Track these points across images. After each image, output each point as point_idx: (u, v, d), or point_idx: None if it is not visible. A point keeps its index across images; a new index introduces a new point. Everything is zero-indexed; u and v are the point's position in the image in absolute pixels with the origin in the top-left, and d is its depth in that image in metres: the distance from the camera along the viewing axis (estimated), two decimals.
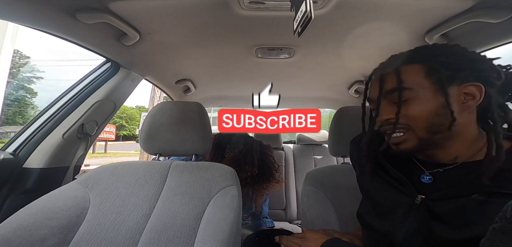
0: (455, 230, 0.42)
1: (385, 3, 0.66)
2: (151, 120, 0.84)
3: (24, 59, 20.65)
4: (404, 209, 0.49)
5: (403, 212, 0.49)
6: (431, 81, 0.45)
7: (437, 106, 0.45)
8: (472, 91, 0.44)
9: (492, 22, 0.65)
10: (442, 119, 0.45)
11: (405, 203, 0.49)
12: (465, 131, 0.46)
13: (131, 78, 1.10)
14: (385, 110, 0.50)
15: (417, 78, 0.46)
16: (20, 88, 19.70)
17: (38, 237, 0.54)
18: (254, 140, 1.18)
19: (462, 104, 0.45)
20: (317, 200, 0.80)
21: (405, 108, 0.47)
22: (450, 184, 0.46)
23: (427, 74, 0.46)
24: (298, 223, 1.68)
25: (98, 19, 0.70)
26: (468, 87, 0.44)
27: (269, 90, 1.60)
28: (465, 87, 0.44)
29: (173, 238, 0.61)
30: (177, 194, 0.70)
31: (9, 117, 18.91)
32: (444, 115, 0.44)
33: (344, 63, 1.11)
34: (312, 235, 0.60)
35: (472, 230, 0.40)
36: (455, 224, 0.42)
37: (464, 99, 0.45)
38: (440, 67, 0.45)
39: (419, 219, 0.46)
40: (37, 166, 0.87)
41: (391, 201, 0.52)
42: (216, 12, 0.73)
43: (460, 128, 0.45)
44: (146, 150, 0.85)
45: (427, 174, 0.49)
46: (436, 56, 0.47)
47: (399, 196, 0.51)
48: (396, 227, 0.49)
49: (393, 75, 0.48)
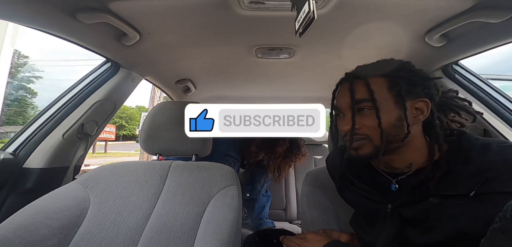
0: (425, 234, 0.45)
1: (385, 3, 0.66)
2: (151, 120, 0.84)
3: (23, 59, 20.64)
4: (381, 218, 0.52)
5: (381, 220, 0.52)
6: (392, 94, 0.49)
7: (395, 118, 0.49)
8: (421, 106, 0.50)
9: (492, 22, 0.65)
10: (398, 130, 0.49)
11: (381, 212, 0.52)
12: (415, 140, 0.51)
13: (131, 78, 1.10)
14: (349, 120, 0.53)
15: (381, 90, 0.50)
16: (20, 88, 19.69)
17: (38, 237, 0.54)
18: None
19: (414, 118, 0.50)
20: (316, 200, 0.80)
21: (367, 118, 0.50)
22: (409, 191, 0.50)
23: (389, 88, 0.50)
24: (298, 223, 1.67)
25: (98, 19, 0.70)
26: (418, 102, 0.50)
27: (269, 90, 1.60)
28: (416, 102, 0.50)
29: (173, 238, 0.61)
30: (177, 194, 0.70)
31: (9, 117, 18.90)
32: (400, 127, 0.49)
33: (344, 63, 1.11)
34: (313, 237, 0.62)
35: (437, 232, 0.44)
36: (423, 227, 0.46)
37: (415, 113, 0.50)
38: (400, 82, 0.49)
39: (394, 226, 0.50)
40: (37, 166, 0.87)
41: (370, 211, 0.56)
42: (216, 12, 0.73)
43: (412, 138, 0.50)
44: (146, 150, 0.85)
45: (393, 183, 0.53)
46: (397, 70, 0.51)
47: (373, 206, 0.54)
48: (377, 235, 0.52)
49: (363, 85, 0.51)
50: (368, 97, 0.49)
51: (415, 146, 0.51)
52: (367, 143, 0.51)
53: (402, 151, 0.52)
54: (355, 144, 0.52)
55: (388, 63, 0.54)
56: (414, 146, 0.51)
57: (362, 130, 0.51)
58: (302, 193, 0.86)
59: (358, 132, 0.51)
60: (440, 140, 0.48)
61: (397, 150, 0.51)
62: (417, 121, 0.50)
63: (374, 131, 0.49)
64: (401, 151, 0.52)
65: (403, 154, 0.52)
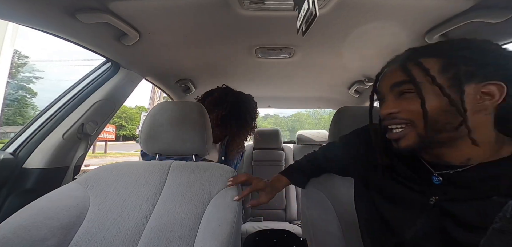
0: (473, 233, 0.40)
1: (385, 3, 0.66)
2: (151, 120, 0.84)
3: (23, 59, 20.64)
4: (416, 209, 0.47)
5: (414, 212, 0.47)
6: (446, 77, 0.42)
7: (445, 103, 0.41)
8: (492, 90, 0.40)
9: (492, 22, 0.65)
10: (450, 118, 0.42)
11: (418, 203, 0.47)
12: (478, 132, 0.41)
13: (131, 78, 1.10)
14: (389, 104, 0.48)
15: (432, 72, 0.43)
16: (20, 88, 19.69)
17: (38, 237, 0.54)
18: (231, 90, 1.25)
19: (477, 104, 0.41)
20: (316, 200, 0.80)
21: (409, 102, 0.45)
22: (464, 186, 0.44)
23: (442, 69, 0.43)
24: (298, 223, 1.67)
25: (98, 19, 0.70)
26: (488, 85, 0.40)
27: (269, 90, 1.60)
28: (485, 85, 0.41)
29: (173, 238, 0.61)
30: (177, 194, 0.70)
31: (9, 117, 18.90)
32: (452, 113, 0.41)
33: (344, 63, 1.11)
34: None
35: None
36: (473, 226, 0.40)
37: (480, 98, 0.41)
38: (459, 62, 0.42)
39: (433, 221, 0.45)
40: (37, 166, 0.87)
41: (403, 199, 0.50)
42: (216, 12, 0.73)
43: (473, 128, 0.41)
44: (146, 150, 0.84)
45: (436, 175, 0.47)
46: (458, 50, 0.44)
47: (412, 195, 0.49)
48: (405, 226, 0.48)
49: (402, 68, 0.46)
50: (413, 79, 0.44)
51: (479, 138, 0.42)
52: (410, 132, 0.46)
53: (459, 144, 0.43)
54: (396, 133, 0.47)
55: (449, 42, 0.47)
56: (476, 138, 0.42)
57: (403, 114, 0.46)
58: (302, 193, 0.86)
59: (399, 116, 0.46)
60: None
61: (451, 143, 0.44)
62: (483, 108, 0.41)
63: (417, 116, 0.44)
64: (458, 144, 0.44)
65: (460, 148, 0.44)
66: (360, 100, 1.56)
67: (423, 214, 0.46)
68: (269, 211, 1.74)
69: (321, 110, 19.86)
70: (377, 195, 0.56)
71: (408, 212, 0.48)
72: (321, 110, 18.23)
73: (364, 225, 0.61)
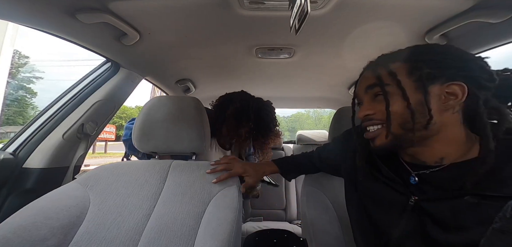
0: (450, 233, 0.42)
1: (385, 3, 0.66)
2: (145, 116, 0.80)
3: (23, 59, 20.65)
4: (398, 209, 0.49)
5: (398, 212, 0.49)
6: (412, 79, 0.46)
7: (414, 103, 0.45)
8: (455, 90, 0.44)
9: (492, 22, 0.65)
10: (418, 117, 0.45)
11: (400, 203, 0.49)
12: (447, 131, 0.45)
13: (131, 78, 1.10)
14: (365, 106, 0.52)
15: (399, 75, 0.47)
16: (20, 88, 19.70)
17: (38, 237, 0.54)
18: (251, 97, 1.19)
19: (443, 104, 0.44)
20: (316, 200, 0.80)
21: (382, 104, 0.48)
22: (438, 186, 0.46)
23: (408, 72, 0.46)
24: (298, 223, 1.67)
25: (98, 19, 0.70)
26: (451, 86, 0.44)
27: (269, 90, 1.60)
28: (448, 86, 0.44)
29: (173, 238, 0.61)
30: (177, 194, 0.70)
31: (9, 117, 18.91)
32: (420, 113, 0.45)
33: (344, 63, 1.11)
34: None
35: (467, 233, 0.40)
36: (449, 226, 0.42)
37: (445, 98, 0.44)
38: (423, 66, 0.45)
39: (414, 220, 0.47)
40: (37, 166, 0.87)
41: (386, 200, 0.53)
42: (216, 12, 0.73)
43: (441, 127, 0.45)
44: (140, 148, 0.81)
45: (413, 175, 0.49)
46: (422, 54, 0.48)
47: (394, 195, 0.51)
48: (392, 226, 0.50)
49: (372, 72, 0.50)
50: (381, 82, 0.48)
51: (449, 137, 0.45)
52: (383, 131, 0.49)
53: (430, 143, 0.46)
54: (371, 132, 0.51)
55: (414, 48, 0.50)
56: (446, 138, 0.45)
57: (377, 116, 0.50)
58: (302, 193, 0.86)
59: (373, 117, 0.50)
60: (486, 131, 0.41)
61: (423, 142, 0.47)
62: (450, 108, 0.44)
63: (388, 116, 0.47)
64: (429, 143, 0.47)
65: (432, 147, 0.47)
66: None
67: (404, 214, 0.48)
68: (269, 211, 1.74)
69: (321, 110, 19.83)
70: (364, 196, 0.59)
71: (392, 212, 0.51)
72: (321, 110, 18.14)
73: (355, 225, 0.63)
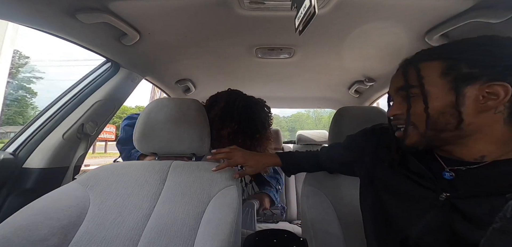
0: (482, 230, 0.40)
1: (385, 3, 0.66)
2: (146, 118, 0.80)
3: (24, 59, 20.67)
4: (425, 205, 0.48)
5: (423, 207, 0.48)
6: (446, 80, 0.44)
7: (444, 105, 0.44)
8: (496, 91, 0.41)
9: (492, 22, 0.65)
10: (448, 118, 0.44)
11: (427, 199, 0.48)
12: (488, 130, 0.44)
13: (131, 78, 1.10)
14: (395, 106, 0.52)
15: (431, 76, 0.46)
16: (20, 88, 19.72)
17: (38, 237, 0.54)
18: (238, 95, 1.07)
19: (481, 104, 0.42)
20: (317, 200, 0.80)
21: (412, 104, 0.47)
22: (477, 183, 0.44)
23: (443, 73, 0.45)
24: (298, 223, 1.67)
25: (98, 19, 0.70)
26: (492, 86, 0.41)
27: (269, 90, 1.60)
28: (489, 86, 0.41)
29: (173, 238, 0.61)
30: (177, 194, 0.70)
31: (9, 117, 18.92)
32: (450, 114, 0.44)
33: (344, 63, 1.11)
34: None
35: None
36: (483, 224, 0.40)
37: (484, 99, 0.42)
38: (461, 65, 0.43)
39: (442, 217, 0.45)
40: (37, 166, 0.87)
41: (411, 196, 0.51)
42: (216, 12, 0.73)
43: (480, 127, 0.43)
44: (141, 150, 0.82)
45: (447, 171, 0.47)
46: (463, 52, 0.45)
47: (420, 191, 0.50)
48: (412, 222, 0.48)
49: (411, 72, 0.49)
50: (415, 83, 0.47)
51: (490, 136, 0.44)
52: (412, 131, 0.48)
53: (469, 142, 0.45)
54: (399, 133, 0.51)
55: (455, 44, 0.48)
56: (487, 137, 0.44)
57: (404, 116, 0.49)
58: (302, 193, 0.86)
59: (402, 117, 0.50)
60: None
61: (458, 141, 0.46)
62: (491, 108, 0.42)
63: (418, 117, 0.47)
64: (467, 142, 0.45)
65: (471, 145, 0.45)
66: (360, 100, 1.56)
67: (432, 210, 0.47)
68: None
69: (321, 110, 19.81)
70: (383, 192, 0.58)
71: (416, 208, 0.49)
72: (321, 110, 18.12)
73: (369, 222, 0.61)
